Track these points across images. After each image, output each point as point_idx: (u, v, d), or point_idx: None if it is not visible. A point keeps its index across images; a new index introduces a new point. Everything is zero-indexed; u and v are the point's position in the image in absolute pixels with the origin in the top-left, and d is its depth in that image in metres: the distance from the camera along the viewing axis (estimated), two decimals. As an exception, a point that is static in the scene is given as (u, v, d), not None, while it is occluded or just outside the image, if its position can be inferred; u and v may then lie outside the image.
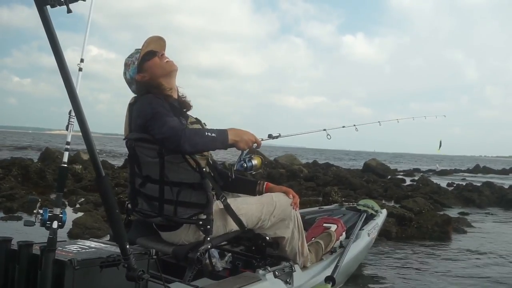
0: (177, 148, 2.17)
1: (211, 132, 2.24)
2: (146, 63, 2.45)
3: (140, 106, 2.34)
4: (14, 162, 11.51)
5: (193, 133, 2.19)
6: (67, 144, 1.95)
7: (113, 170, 12.94)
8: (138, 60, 2.45)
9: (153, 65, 2.46)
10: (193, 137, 2.16)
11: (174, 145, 2.16)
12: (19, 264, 1.82)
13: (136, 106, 2.37)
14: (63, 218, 1.78)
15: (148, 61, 2.46)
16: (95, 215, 6.05)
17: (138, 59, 2.45)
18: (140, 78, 2.46)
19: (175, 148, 2.18)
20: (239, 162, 2.49)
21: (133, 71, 2.47)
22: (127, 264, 1.77)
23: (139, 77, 2.46)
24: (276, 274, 2.59)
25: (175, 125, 2.19)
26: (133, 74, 2.47)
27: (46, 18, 1.44)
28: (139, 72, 2.46)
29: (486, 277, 4.46)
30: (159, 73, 2.47)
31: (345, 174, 15.15)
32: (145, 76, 2.45)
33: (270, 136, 2.75)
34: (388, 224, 6.04)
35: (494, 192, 12.07)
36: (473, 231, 7.13)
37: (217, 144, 2.27)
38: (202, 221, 2.29)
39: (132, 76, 2.48)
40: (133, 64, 2.48)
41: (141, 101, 2.37)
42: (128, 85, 2.53)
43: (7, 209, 6.80)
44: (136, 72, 2.47)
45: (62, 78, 1.53)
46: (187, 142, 2.14)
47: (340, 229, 3.49)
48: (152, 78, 2.45)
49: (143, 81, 2.45)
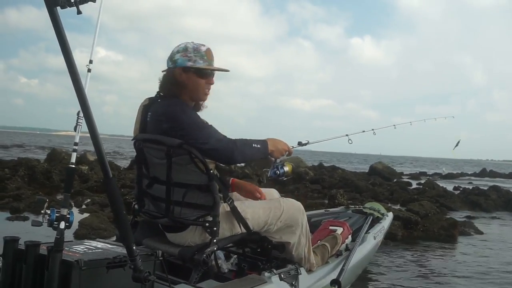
0: (228, 160, 2.33)
1: (256, 144, 2.41)
2: (196, 75, 2.38)
3: (171, 112, 2.27)
4: (21, 163, 11.58)
5: (243, 144, 2.35)
6: (75, 145, 1.96)
7: (119, 171, 12.98)
8: (198, 65, 2.37)
9: (196, 83, 2.39)
10: (244, 149, 2.34)
11: (226, 156, 2.30)
12: (26, 264, 1.83)
13: (162, 109, 2.30)
14: (70, 219, 1.79)
15: (198, 75, 2.39)
16: (101, 216, 6.07)
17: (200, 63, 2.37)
18: (178, 76, 2.37)
19: (227, 160, 2.33)
20: (273, 169, 2.67)
21: (183, 62, 2.37)
22: (133, 265, 1.77)
23: (181, 75, 2.37)
24: (282, 276, 2.59)
25: (222, 138, 2.31)
26: (182, 63, 2.36)
27: (56, 19, 1.44)
28: (184, 71, 2.37)
29: (491, 281, 4.44)
30: (194, 93, 2.42)
31: (351, 177, 15.11)
32: (185, 80, 2.38)
33: (300, 144, 2.93)
34: (394, 227, 6.02)
35: (501, 196, 11.98)
36: (479, 235, 7.09)
37: (260, 155, 2.47)
38: (208, 223, 2.29)
39: (180, 64, 2.36)
40: (190, 56, 2.37)
41: (170, 106, 2.30)
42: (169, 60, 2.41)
43: (14, 209, 6.84)
44: (184, 65, 2.36)
45: (71, 79, 1.53)
46: (239, 154, 2.32)
47: (346, 232, 3.47)
48: (187, 88, 2.39)
49: (180, 80, 2.37)
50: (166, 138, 2.26)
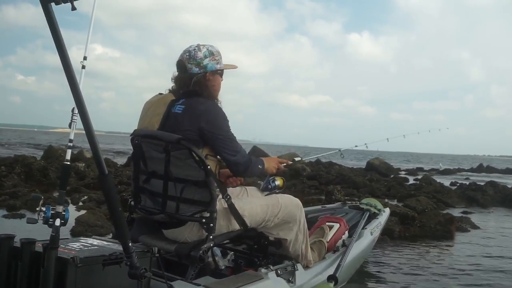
0: (240, 174, 2.61)
1: (260, 164, 2.64)
2: (220, 76, 2.57)
3: (214, 113, 2.39)
4: (17, 160, 11.53)
5: (254, 163, 2.57)
6: (70, 142, 1.95)
7: (116, 168, 12.94)
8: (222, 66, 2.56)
9: (219, 83, 2.58)
10: (253, 169, 2.57)
11: (240, 171, 2.53)
12: (22, 261, 1.83)
13: (203, 106, 2.39)
14: (65, 216, 1.78)
15: (221, 75, 2.58)
16: (97, 213, 6.06)
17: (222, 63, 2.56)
18: (211, 80, 2.51)
19: (239, 173, 2.58)
20: (266, 183, 2.92)
21: (213, 66, 2.50)
22: (129, 262, 1.77)
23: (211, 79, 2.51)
24: (279, 272, 2.59)
25: (245, 154, 2.51)
26: (212, 67, 2.50)
27: (50, 15, 1.44)
28: (212, 74, 2.51)
29: (488, 276, 4.45)
30: (217, 92, 2.58)
31: (348, 173, 15.09)
32: (213, 82, 2.52)
33: (293, 161, 3.33)
34: (391, 223, 6.02)
35: (497, 191, 12.00)
36: (476, 231, 7.10)
37: (260, 175, 2.89)
38: (205, 219, 2.29)
39: (210, 68, 2.49)
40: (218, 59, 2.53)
41: (214, 107, 2.44)
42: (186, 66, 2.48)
43: (10, 206, 6.81)
44: (214, 68, 2.51)
45: (66, 75, 1.53)
46: (249, 172, 2.56)
47: (342, 228, 3.48)
48: (216, 90, 2.55)
49: (212, 83, 2.51)
50: (165, 134, 2.29)
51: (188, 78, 2.47)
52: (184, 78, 2.48)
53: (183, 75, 2.49)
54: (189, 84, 2.46)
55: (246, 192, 2.84)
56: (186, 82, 2.47)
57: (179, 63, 2.50)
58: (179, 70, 2.52)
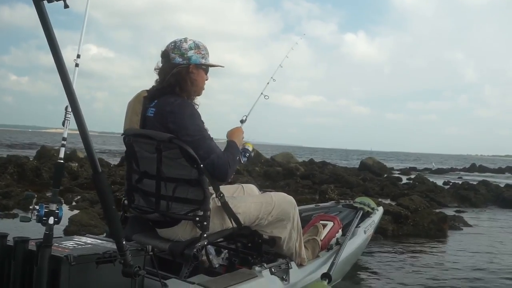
0: (222, 178, 2.35)
1: (237, 153, 2.51)
2: (204, 71, 2.49)
3: (180, 113, 2.29)
4: (10, 160, 11.47)
5: (233, 161, 2.39)
6: (64, 140, 1.95)
7: (110, 168, 12.90)
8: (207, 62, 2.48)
9: (203, 79, 2.50)
10: (233, 165, 2.39)
11: (222, 173, 2.32)
12: (15, 260, 1.82)
13: (170, 107, 2.30)
14: (59, 214, 1.78)
15: (205, 72, 2.50)
16: (91, 213, 6.03)
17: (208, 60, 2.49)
18: (192, 73, 2.42)
19: (220, 176, 2.33)
20: (243, 157, 2.77)
21: (197, 59, 2.43)
22: (123, 260, 1.77)
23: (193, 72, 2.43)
24: (272, 270, 2.60)
25: (220, 154, 2.33)
26: (196, 60, 2.43)
27: (43, 14, 1.43)
28: (196, 68, 2.44)
29: (481, 274, 4.48)
30: (200, 89, 2.51)
31: (342, 172, 15.13)
32: (196, 77, 2.44)
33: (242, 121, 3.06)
34: (384, 221, 6.05)
35: (490, 190, 12.09)
36: (469, 229, 7.16)
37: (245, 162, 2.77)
38: (198, 218, 2.29)
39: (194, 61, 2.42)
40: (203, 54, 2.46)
41: (180, 107, 2.31)
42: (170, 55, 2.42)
43: (3, 206, 6.77)
44: (197, 62, 2.43)
45: (59, 74, 1.52)
46: (232, 172, 2.37)
47: (336, 226, 3.49)
48: (197, 85, 2.47)
49: (193, 77, 2.43)
50: (156, 133, 2.27)
51: (170, 67, 2.40)
52: (167, 68, 2.42)
53: (166, 65, 2.43)
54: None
55: (243, 190, 2.84)
56: (168, 72, 2.41)
57: (163, 52, 2.44)
58: (163, 60, 2.46)
